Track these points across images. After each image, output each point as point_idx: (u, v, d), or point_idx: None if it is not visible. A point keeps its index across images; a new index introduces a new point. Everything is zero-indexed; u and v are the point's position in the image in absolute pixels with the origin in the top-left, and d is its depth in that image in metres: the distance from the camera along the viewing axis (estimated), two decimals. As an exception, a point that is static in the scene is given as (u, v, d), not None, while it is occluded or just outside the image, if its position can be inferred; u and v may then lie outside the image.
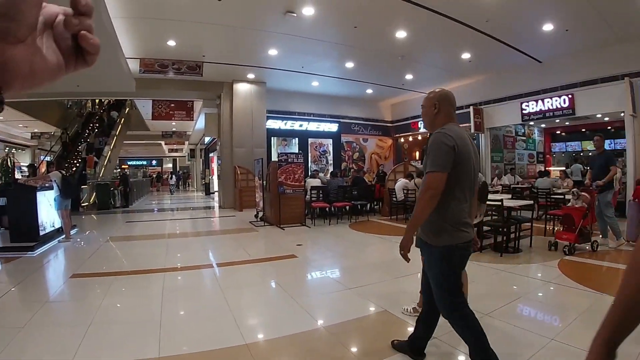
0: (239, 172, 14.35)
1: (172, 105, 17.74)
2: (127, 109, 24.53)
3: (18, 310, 4.58)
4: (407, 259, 2.62)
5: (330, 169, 18.07)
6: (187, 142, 32.89)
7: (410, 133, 19.84)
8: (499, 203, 6.61)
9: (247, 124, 15.05)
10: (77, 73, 0.56)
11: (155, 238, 9.10)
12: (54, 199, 8.35)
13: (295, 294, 4.76)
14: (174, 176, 34.47)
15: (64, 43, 0.52)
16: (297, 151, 17.17)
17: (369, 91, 17.21)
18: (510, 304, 4.29)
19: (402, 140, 20.87)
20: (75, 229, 9.86)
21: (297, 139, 17.63)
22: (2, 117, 22.60)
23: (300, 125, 17.61)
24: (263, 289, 5.33)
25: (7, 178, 15.39)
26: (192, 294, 5.10)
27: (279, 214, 10.19)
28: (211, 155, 26.32)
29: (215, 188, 27.74)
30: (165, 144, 34.73)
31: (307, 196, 10.87)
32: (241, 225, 10.76)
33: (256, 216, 11.46)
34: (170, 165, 47.82)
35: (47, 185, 8.58)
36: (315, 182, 11.72)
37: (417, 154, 19.84)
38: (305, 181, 10.91)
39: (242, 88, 15.08)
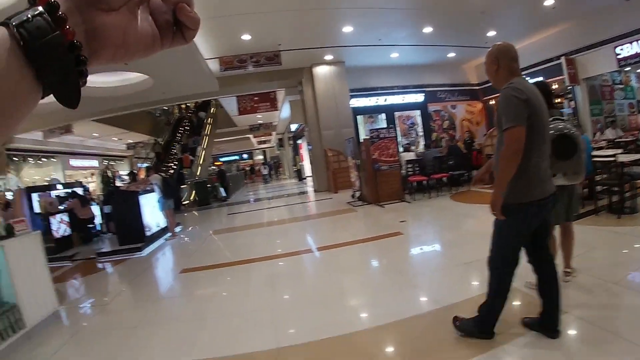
0: (329, 154, 14.25)
1: (256, 98, 18.03)
2: (213, 109, 25.45)
3: (131, 309, 4.78)
4: (502, 218, 2.54)
5: (421, 141, 17.50)
6: (274, 133, 33.64)
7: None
8: (611, 159, 5.83)
9: (332, 105, 14.87)
10: (161, 82, 0.41)
11: (256, 227, 9.28)
12: (157, 201, 8.79)
13: (407, 273, 4.50)
14: (266, 166, 35.52)
15: (161, 17, 0.51)
16: (384, 126, 16.81)
17: (451, 55, 16.16)
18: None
19: (493, 102, 19.47)
20: (180, 227, 10.36)
21: (383, 114, 17.14)
22: (97, 134, 24.57)
23: (385, 100, 17.09)
24: (372, 270, 5.10)
25: (109, 187, 16.61)
26: (300, 280, 5.01)
27: (377, 192, 9.90)
28: (299, 141, 26.70)
29: (308, 173, 28.22)
30: (254, 137, 35.72)
31: (403, 171, 10.49)
32: (339, 206, 10.59)
33: (353, 196, 11.27)
34: (261, 156, 49.28)
35: (148, 188, 9.07)
36: (410, 155, 11.28)
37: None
38: (399, 156, 10.53)
39: (321, 71, 14.90)
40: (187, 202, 16.95)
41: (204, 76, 12.59)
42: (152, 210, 8.89)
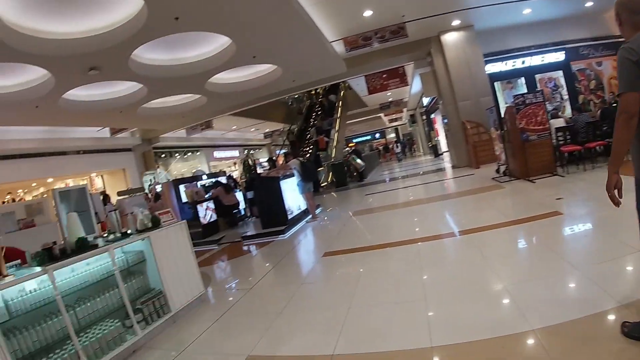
0: (468, 126, 13.33)
1: (384, 75, 17.63)
2: (343, 92, 25.63)
3: (275, 293, 4.87)
4: (616, 202, 2.29)
5: (567, 105, 15.50)
6: (405, 109, 32.98)
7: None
8: None
9: (465, 74, 13.84)
10: (289, 70, 0.23)
11: (395, 208, 9.11)
12: (297, 185, 9.06)
13: (576, 262, 3.76)
14: (399, 144, 34.96)
15: None
16: (525, 91, 15.25)
17: (589, 4, 13.89)
18: None
19: None
20: (320, 209, 10.57)
21: (522, 78, 15.48)
22: (235, 127, 26.18)
23: (523, 62, 15.37)
24: (533, 257, 4.41)
25: (250, 174, 17.58)
26: (451, 267, 4.61)
27: (525, 165, 8.91)
28: (433, 116, 25.70)
29: (444, 148, 27.17)
30: (385, 115, 35.45)
31: (553, 140, 9.30)
32: (483, 183, 9.77)
33: (498, 171, 10.39)
34: (393, 135, 48.75)
35: (288, 173, 9.36)
36: (559, 122, 9.96)
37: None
38: (548, 123, 9.35)
39: (450, 38, 13.92)
40: (325, 183, 17.32)
41: (331, 59, 12.59)
42: (292, 194, 9.24)
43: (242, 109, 18.08)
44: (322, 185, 17.13)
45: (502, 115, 9.77)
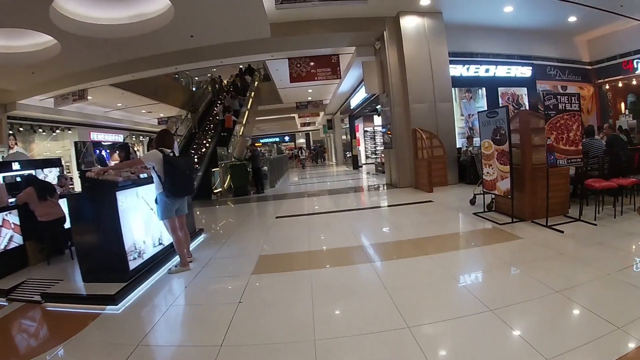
0: (424, 137, 9.97)
1: (312, 63, 14.02)
2: (257, 82, 22.33)
3: None
4: None
5: None
6: (322, 113, 29.73)
7: (620, 77, 13.94)
8: None
9: (425, 72, 10.64)
10: (189, 16, 0.21)
11: (340, 259, 5.06)
12: (156, 201, 4.83)
13: None
14: (302, 151, 34.65)
15: None
16: (485, 105, 12.46)
17: (572, 19, 11.89)
18: None
19: (607, 87, 14.91)
20: (201, 238, 6.51)
21: (483, 88, 12.73)
22: (121, 104, 21.52)
23: (487, 71, 12.65)
24: None
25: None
26: None
27: (535, 201, 5.79)
28: (357, 122, 22.53)
29: (363, 160, 24.32)
30: (299, 116, 32.07)
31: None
32: (472, 224, 6.39)
33: (472, 202, 7.49)
34: (303, 140, 45.74)
35: (139, 175, 5.15)
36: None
37: (623, 105, 14.35)
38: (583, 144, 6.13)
39: (411, 24, 10.65)
40: (220, 190, 13.05)
41: (251, 11, 8.61)
42: (142, 218, 4.92)
43: (122, 75, 13.76)
44: (215, 191, 12.88)
45: (512, 121, 6.35)
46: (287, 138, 45.82)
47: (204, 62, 13.46)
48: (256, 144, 42.75)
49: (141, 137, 30.37)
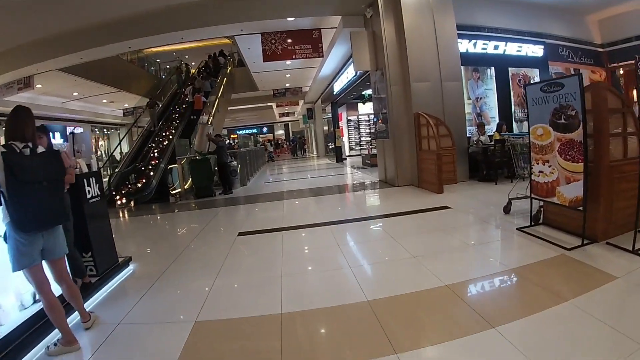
0: (431, 122, 7.86)
1: (290, 40, 11.89)
2: (230, 68, 20.24)
3: None
4: None
5: None
6: (301, 102, 27.57)
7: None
8: None
9: (429, 45, 8.60)
10: None
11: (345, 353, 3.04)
12: (4, 238, 2.67)
13: None
14: (271, 143, 33.86)
15: None
16: (494, 88, 10.54)
17: None
18: None
19: (621, 72, 13.38)
20: (124, 274, 4.42)
21: (492, 68, 10.75)
22: (77, 93, 19.26)
23: (496, 47, 10.67)
24: None
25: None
26: None
27: (610, 213, 4.04)
28: (339, 111, 20.40)
29: (347, 152, 22.35)
30: (277, 105, 29.91)
31: None
32: (514, 245, 4.49)
33: (507, 210, 5.56)
34: (282, 131, 43.65)
35: None
36: None
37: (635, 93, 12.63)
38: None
39: (411, -13, 8.59)
40: (179, 191, 10.84)
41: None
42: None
43: (65, 55, 11.55)
44: (173, 192, 10.67)
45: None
46: (265, 129, 43.57)
47: (160, 35, 11.19)
48: (233, 135, 40.69)
49: (105, 129, 27.88)
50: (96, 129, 26.76)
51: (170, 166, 11.02)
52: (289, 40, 11.78)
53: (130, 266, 4.74)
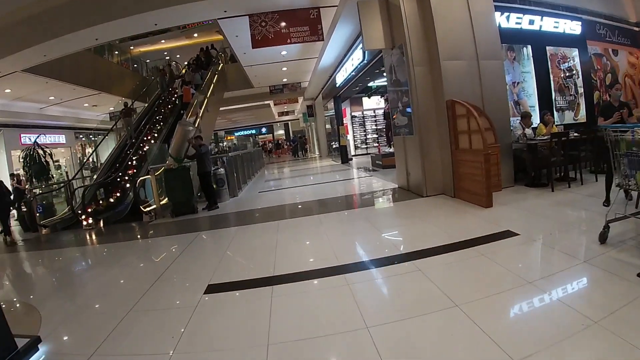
0: (475, 113, 5.78)
1: (284, 24, 10.05)
2: (222, 64, 18.69)
3: None
4: None
5: (582, 102, 9.53)
6: (301, 99, 25.73)
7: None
8: None
9: (462, 18, 6.73)
10: None
11: None
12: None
13: None
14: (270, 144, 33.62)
15: None
16: (532, 70, 8.68)
17: None
18: None
19: None
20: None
21: (529, 46, 8.78)
22: (52, 97, 17.51)
23: (531, 22, 8.77)
24: None
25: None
26: None
27: None
28: (343, 106, 18.44)
29: (353, 152, 21.32)
30: (275, 104, 28.07)
31: None
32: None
33: None
34: (282, 131, 41.97)
35: None
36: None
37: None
38: None
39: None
40: (154, 207, 8.88)
41: None
42: None
43: (24, 50, 10.11)
44: (147, 210, 8.73)
45: None
46: (264, 130, 41.82)
47: (129, 17, 9.38)
48: (230, 137, 38.83)
49: (91, 135, 25.93)
50: (81, 136, 24.88)
51: (141, 177, 9.06)
52: (282, 23, 10.04)
53: (39, 351, 2.87)
